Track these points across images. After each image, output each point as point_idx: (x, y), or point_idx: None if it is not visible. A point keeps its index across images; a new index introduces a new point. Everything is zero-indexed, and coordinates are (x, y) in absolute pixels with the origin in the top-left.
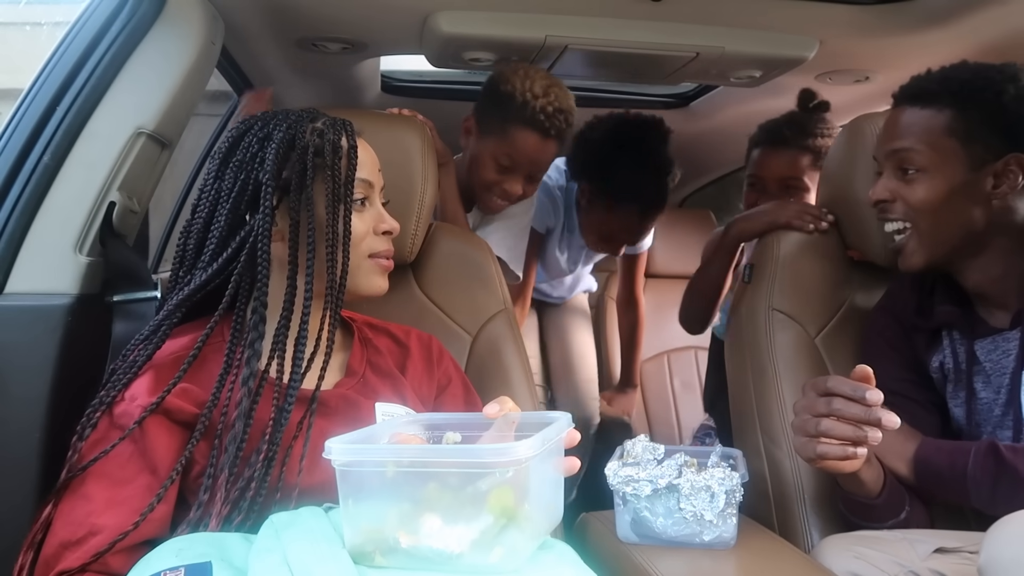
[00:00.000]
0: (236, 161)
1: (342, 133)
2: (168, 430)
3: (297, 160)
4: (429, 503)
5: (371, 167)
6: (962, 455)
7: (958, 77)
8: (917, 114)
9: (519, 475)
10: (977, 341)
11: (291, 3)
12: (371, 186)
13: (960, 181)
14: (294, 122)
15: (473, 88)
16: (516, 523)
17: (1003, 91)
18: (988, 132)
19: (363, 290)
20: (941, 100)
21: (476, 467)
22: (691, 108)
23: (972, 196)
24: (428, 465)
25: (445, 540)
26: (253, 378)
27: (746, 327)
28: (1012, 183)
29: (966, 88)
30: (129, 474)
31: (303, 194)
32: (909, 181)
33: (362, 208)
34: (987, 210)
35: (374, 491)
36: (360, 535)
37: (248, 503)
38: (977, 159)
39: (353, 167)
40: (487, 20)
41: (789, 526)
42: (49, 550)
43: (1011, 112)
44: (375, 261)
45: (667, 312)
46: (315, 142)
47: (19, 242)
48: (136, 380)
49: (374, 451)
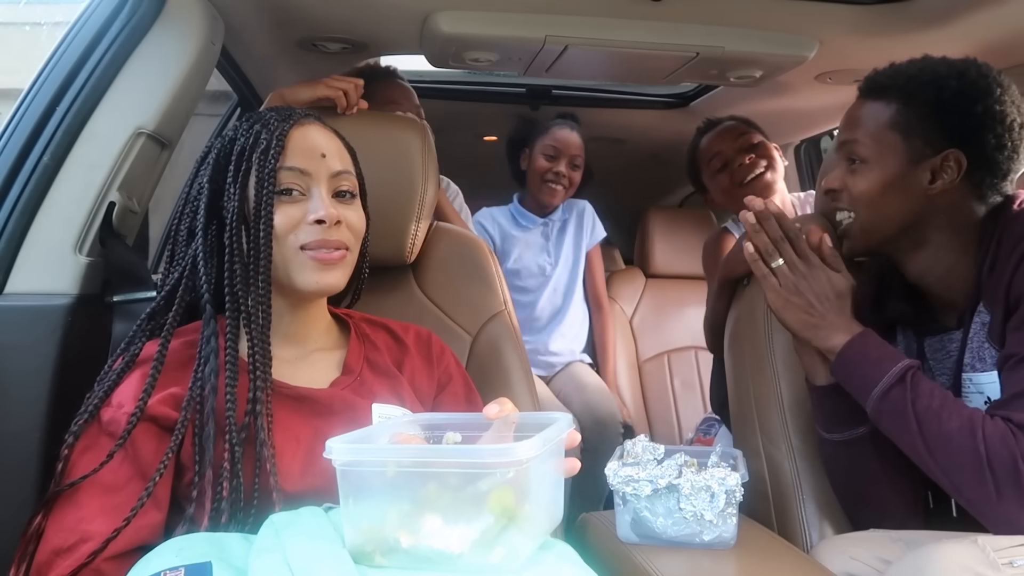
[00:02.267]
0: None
1: (278, 126)
2: (156, 436)
3: (234, 161)
4: (429, 503)
5: (306, 156)
6: (878, 373)
7: (907, 71)
8: (868, 107)
9: (520, 476)
10: (926, 339)
11: (291, 3)
12: (306, 175)
13: (898, 173)
14: (254, 123)
15: (473, 88)
16: (516, 523)
17: (944, 86)
18: (929, 127)
19: (299, 286)
20: (889, 94)
21: (477, 467)
22: (691, 108)
23: (909, 189)
24: (428, 465)
25: (445, 540)
26: (215, 374)
27: (745, 328)
28: (949, 179)
29: (912, 82)
30: (120, 481)
31: (235, 190)
32: (853, 172)
33: (291, 198)
34: (924, 204)
35: (374, 491)
36: (360, 535)
37: (239, 508)
38: (916, 153)
39: (274, 156)
40: (487, 20)
41: (788, 526)
42: (41, 557)
43: (951, 107)
44: (308, 255)
45: (667, 312)
46: (248, 140)
47: (19, 242)
48: (122, 385)
49: (375, 451)
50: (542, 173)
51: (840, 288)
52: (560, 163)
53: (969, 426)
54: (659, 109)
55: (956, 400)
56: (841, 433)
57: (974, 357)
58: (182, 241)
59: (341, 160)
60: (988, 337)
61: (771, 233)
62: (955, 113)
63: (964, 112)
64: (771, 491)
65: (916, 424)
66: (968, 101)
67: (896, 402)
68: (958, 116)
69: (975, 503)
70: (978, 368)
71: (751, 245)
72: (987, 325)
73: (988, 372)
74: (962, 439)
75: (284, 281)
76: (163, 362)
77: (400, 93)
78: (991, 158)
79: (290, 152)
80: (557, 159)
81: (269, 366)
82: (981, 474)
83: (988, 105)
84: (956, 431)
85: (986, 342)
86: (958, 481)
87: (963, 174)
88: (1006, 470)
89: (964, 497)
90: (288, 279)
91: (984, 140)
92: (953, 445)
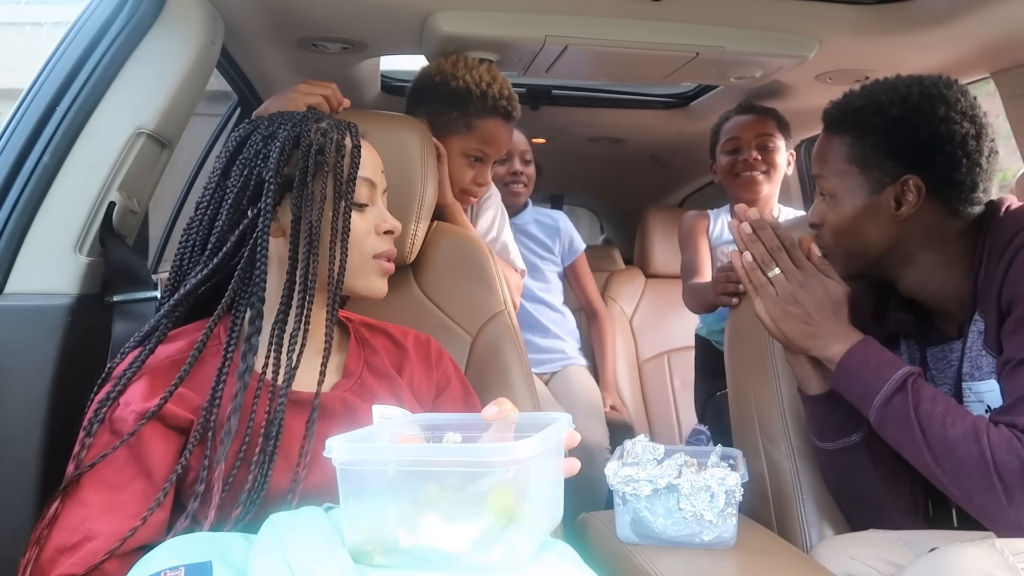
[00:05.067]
0: (242, 159)
1: (346, 133)
2: (163, 435)
3: (301, 157)
4: (429, 502)
5: (374, 168)
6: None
7: (853, 104)
8: (829, 142)
9: (520, 475)
10: (929, 348)
11: (291, 3)
12: (373, 186)
13: (863, 204)
14: (299, 121)
15: None
16: (516, 523)
17: (888, 115)
18: (882, 156)
19: (361, 291)
20: (843, 128)
21: (477, 466)
22: (691, 108)
23: (877, 217)
24: (429, 464)
25: (445, 540)
26: (248, 373)
27: (746, 327)
28: (912, 202)
29: (859, 115)
30: (124, 479)
31: (305, 190)
32: (828, 205)
33: (364, 208)
34: (896, 228)
35: (375, 490)
36: (360, 534)
37: (243, 507)
38: (875, 182)
39: (356, 165)
40: (487, 20)
41: (788, 526)
42: (45, 555)
43: (897, 134)
44: (377, 263)
45: (667, 312)
46: (319, 140)
47: (19, 242)
48: (131, 385)
49: (375, 450)
50: (500, 178)
51: (837, 296)
52: (513, 163)
53: (974, 433)
54: (659, 109)
55: (959, 406)
56: (835, 442)
57: (972, 366)
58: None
59: (385, 175)
60: (985, 345)
61: (767, 242)
62: (903, 139)
63: (909, 138)
64: (771, 491)
65: (920, 431)
66: (911, 127)
67: (898, 409)
68: (906, 142)
69: (985, 510)
70: (976, 377)
71: (749, 255)
72: (983, 333)
73: (986, 380)
74: (967, 446)
75: (347, 286)
76: (193, 364)
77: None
78: (948, 177)
79: (363, 163)
80: (509, 160)
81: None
82: (989, 480)
83: (932, 127)
84: (961, 437)
85: (983, 350)
86: (967, 489)
87: (925, 196)
88: (1014, 475)
89: (974, 504)
90: (352, 284)
91: (935, 162)
92: (959, 452)
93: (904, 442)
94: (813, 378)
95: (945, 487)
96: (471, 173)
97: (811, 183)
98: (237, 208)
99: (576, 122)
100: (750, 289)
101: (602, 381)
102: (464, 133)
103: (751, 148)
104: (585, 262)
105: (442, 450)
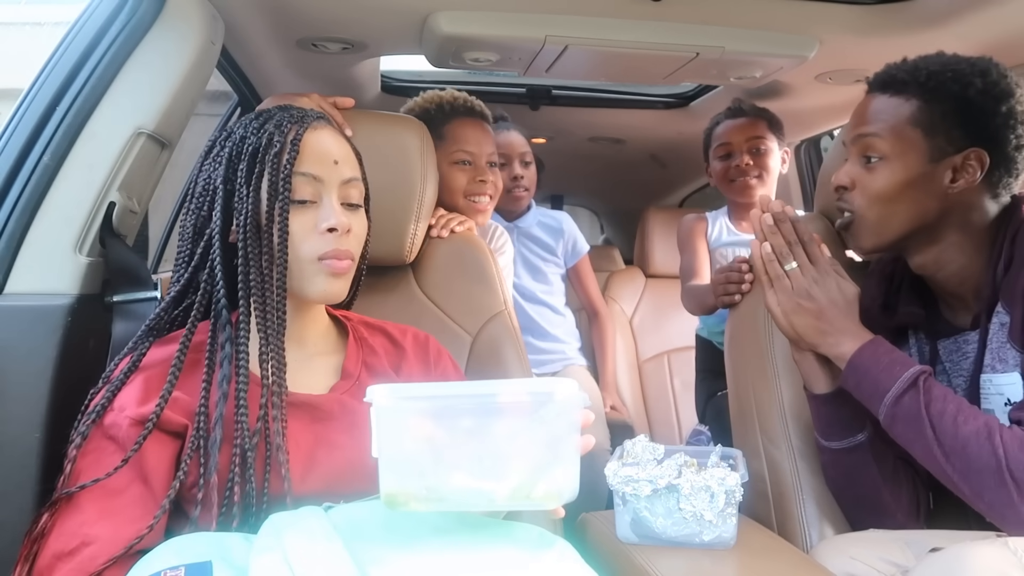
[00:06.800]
0: (206, 164)
1: (293, 127)
2: (158, 440)
3: (237, 158)
4: (467, 444)
5: (320, 160)
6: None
7: (927, 67)
8: (885, 102)
9: (560, 413)
10: (940, 340)
11: (291, 3)
12: (318, 181)
13: (918, 172)
14: (251, 122)
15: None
16: (559, 461)
17: (970, 84)
18: (951, 124)
19: (312, 295)
20: (909, 89)
21: (535, 396)
22: (691, 108)
23: (928, 188)
24: (466, 401)
25: (484, 481)
26: (227, 381)
27: (746, 327)
28: (970, 178)
29: (933, 79)
30: (121, 484)
31: (248, 192)
32: (871, 169)
33: (306, 205)
34: (941, 203)
35: (411, 433)
36: (396, 480)
37: (250, 513)
38: (938, 151)
39: (290, 162)
40: (487, 20)
41: (788, 526)
42: (43, 561)
43: (975, 106)
44: (323, 264)
45: (667, 312)
46: (253, 141)
47: (19, 242)
48: (124, 389)
49: (413, 389)
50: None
51: (849, 295)
52: (513, 167)
53: (986, 431)
54: (659, 109)
55: (971, 406)
56: (840, 441)
57: (994, 358)
58: (188, 238)
59: (351, 167)
60: (1009, 338)
61: (787, 236)
62: (980, 112)
63: (989, 112)
64: (771, 491)
65: (931, 429)
66: (993, 101)
67: (909, 407)
68: (983, 115)
69: (995, 508)
70: (999, 369)
71: (768, 246)
72: (1006, 326)
73: (1009, 373)
74: (979, 444)
75: (292, 288)
76: (180, 368)
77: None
78: (1011, 158)
79: (304, 157)
80: (509, 164)
81: (283, 372)
82: (1000, 477)
83: (1011, 105)
84: (972, 435)
85: (1007, 343)
86: (977, 486)
87: (984, 173)
88: None
89: (984, 502)
90: (298, 287)
91: (1006, 139)
92: (970, 450)
93: (914, 439)
94: (820, 376)
95: (955, 484)
96: (465, 177)
97: (811, 183)
98: (199, 214)
99: (576, 122)
100: (764, 281)
101: (602, 381)
102: (441, 144)
103: (743, 153)
104: (588, 264)
105: (484, 385)
